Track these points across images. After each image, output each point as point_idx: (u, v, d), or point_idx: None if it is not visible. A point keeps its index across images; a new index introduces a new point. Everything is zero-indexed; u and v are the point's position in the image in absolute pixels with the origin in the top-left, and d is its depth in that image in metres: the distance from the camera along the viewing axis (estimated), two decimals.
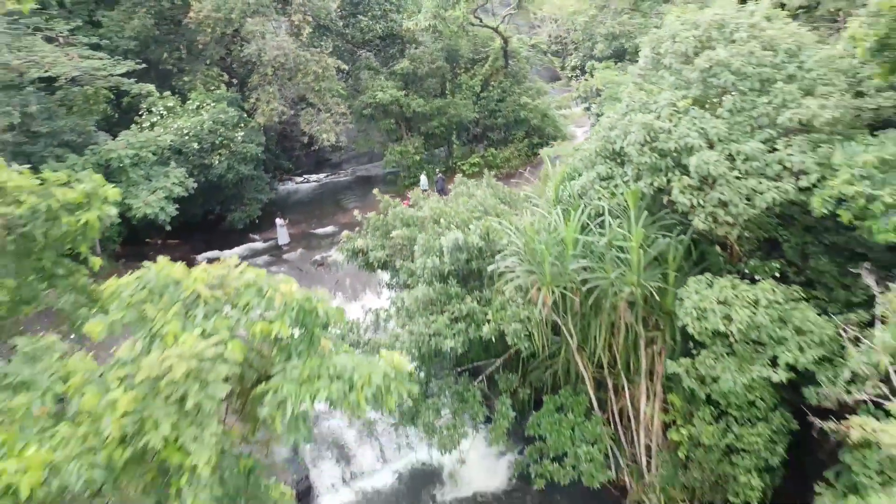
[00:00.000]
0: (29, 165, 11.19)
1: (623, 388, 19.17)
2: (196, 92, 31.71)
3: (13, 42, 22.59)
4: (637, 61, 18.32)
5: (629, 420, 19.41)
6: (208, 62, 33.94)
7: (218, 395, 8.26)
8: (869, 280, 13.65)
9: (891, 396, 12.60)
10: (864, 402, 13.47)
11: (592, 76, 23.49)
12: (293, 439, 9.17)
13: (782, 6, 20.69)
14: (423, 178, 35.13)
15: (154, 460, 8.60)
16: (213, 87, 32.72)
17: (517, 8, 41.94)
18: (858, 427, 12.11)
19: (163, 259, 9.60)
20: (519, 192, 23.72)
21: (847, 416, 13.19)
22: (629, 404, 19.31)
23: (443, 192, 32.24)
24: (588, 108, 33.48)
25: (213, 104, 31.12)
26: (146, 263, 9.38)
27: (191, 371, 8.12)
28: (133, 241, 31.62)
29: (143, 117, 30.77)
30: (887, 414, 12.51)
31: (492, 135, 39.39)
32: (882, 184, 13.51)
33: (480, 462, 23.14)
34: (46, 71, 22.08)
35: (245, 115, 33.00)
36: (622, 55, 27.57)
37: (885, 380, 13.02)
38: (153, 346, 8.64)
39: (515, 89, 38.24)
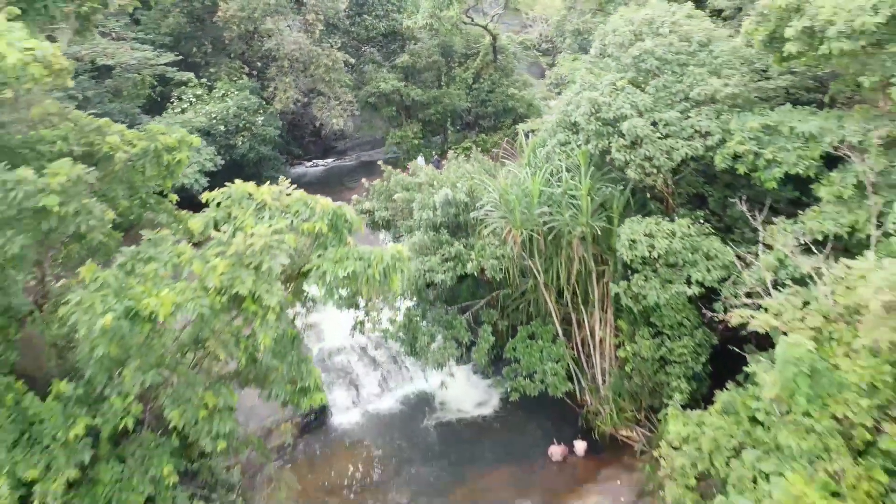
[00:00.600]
0: None
1: (583, 321, 23.37)
2: (221, 82, 35.84)
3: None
4: None
5: (588, 347, 23.59)
6: (231, 56, 38.11)
7: (282, 262, 12.44)
8: (748, 214, 17.81)
9: (765, 296, 16.79)
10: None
11: (561, 66, 27.61)
12: (330, 301, 13.39)
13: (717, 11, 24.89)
14: (421, 159, 39.19)
15: (239, 309, 12.77)
16: (235, 78, 36.88)
17: (504, 8, 46.15)
18: (737, 316, 16.35)
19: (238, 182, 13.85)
20: (501, 164, 27.93)
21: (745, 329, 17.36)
22: (588, 334, 23.51)
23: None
24: (559, 94, 37.64)
25: (236, 92, 35.27)
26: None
27: (264, 246, 12.31)
28: None
29: (175, 104, 34.90)
30: (765, 310, 16.64)
31: (483, 122, 43.53)
32: (767, 144, 17.75)
33: (465, 389, 27.36)
34: (111, 59, 26.19)
35: (264, 103, 37.13)
36: (586, 48, 31.77)
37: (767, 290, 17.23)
38: (236, 234, 12.83)
39: (504, 81, 42.40)
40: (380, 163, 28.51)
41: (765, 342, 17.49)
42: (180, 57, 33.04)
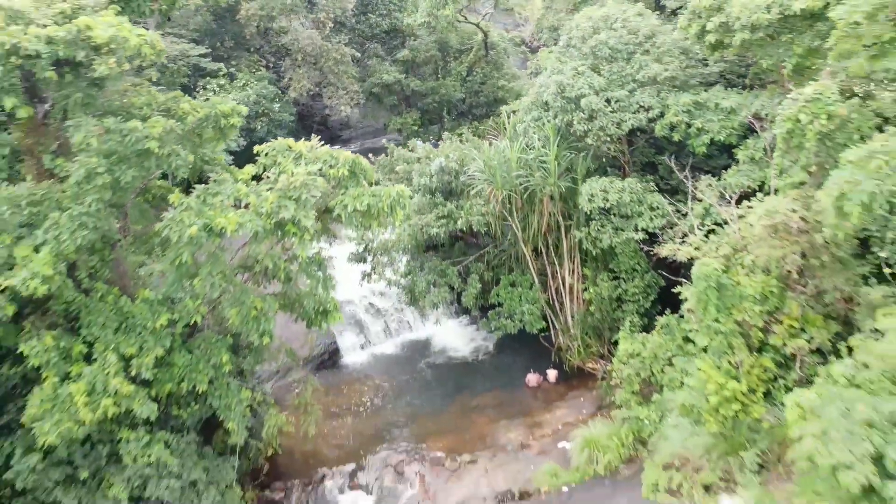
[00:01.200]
0: None
1: (556, 271, 27.53)
2: (242, 73, 39.94)
3: None
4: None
5: (560, 293, 27.75)
6: (251, 50, 42.21)
7: (315, 195, 16.61)
8: (681, 175, 21.98)
9: (692, 235, 20.96)
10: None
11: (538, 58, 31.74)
12: (354, 227, 17.56)
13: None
14: (420, 143, 43.30)
15: (282, 232, 16.90)
16: (254, 70, 40.97)
17: (494, 8, 50.39)
18: (668, 249, 20.58)
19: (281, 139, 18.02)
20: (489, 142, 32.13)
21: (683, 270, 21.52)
22: (560, 282, 27.68)
23: None
24: None
25: (255, 82, 39.37)
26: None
27: (302, 183, 16.49)
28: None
29: (201, 93, 38.98)
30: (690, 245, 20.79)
31: (476, 111, 47.56)
32: (696, 116, 21.95)
33: (457, 337, 31.64)
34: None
35: (279, 92, 41.21)
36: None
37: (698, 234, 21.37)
38: (280, 175, 16.99)
39: (495, 74, 46.50)
40: (384, 141, 32.73)
41: None
42: (209, 50, 37.11)
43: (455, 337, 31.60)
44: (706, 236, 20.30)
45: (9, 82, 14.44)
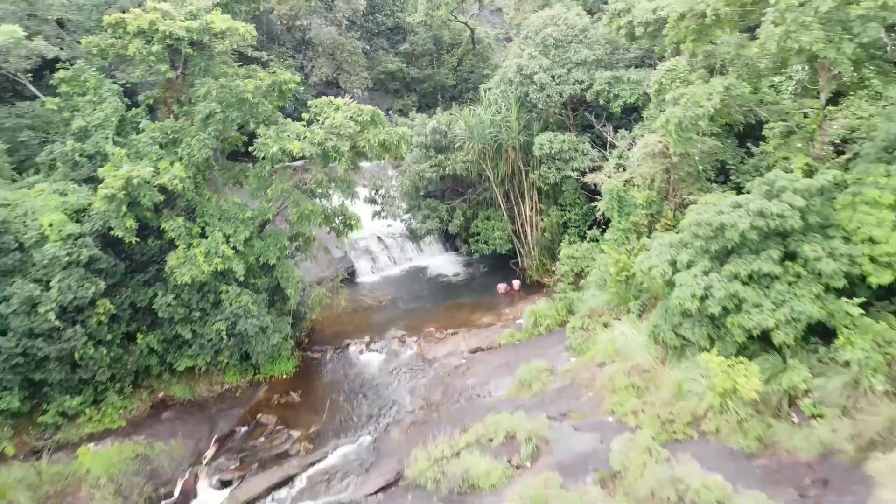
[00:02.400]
0: None
1: (521, 208, 36.06)
2: (273, 62, 48.31)
3: None
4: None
5: (523, 224, 36.29)
6: (279, 43, 50.61)
7: (349, 131, 25.20)
8: (602, 131, 30.57)
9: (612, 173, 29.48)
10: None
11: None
12: (384, 154, 26.13)
13: None
14: (419, 115, 51.83)
15: (327, 159, 25.46)
16: (283, 59, 49.35)
17: (480, 9, 58.99)
18: (589, 177, 29.18)
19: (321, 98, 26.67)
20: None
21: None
22: (523, 216, 36.23)
23: None
24: None
25: (284, 69, 47.72)
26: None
27: (341, 123, 25.10)
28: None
29: None
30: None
31: (465, 95, 55.92)
32: (614, 87, 30.50)
33: (446, 265, 40.20)
34: None
35: (304, 77, 49.63)
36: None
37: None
38: (325, 120, 25.58)
39: (481, 65, 54.95)
40: (389, 111, 41.27)
41: None
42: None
43: (445, 265, 40.27)
44: (615, 169, 28.91)
45: (163, 55, 23.04)
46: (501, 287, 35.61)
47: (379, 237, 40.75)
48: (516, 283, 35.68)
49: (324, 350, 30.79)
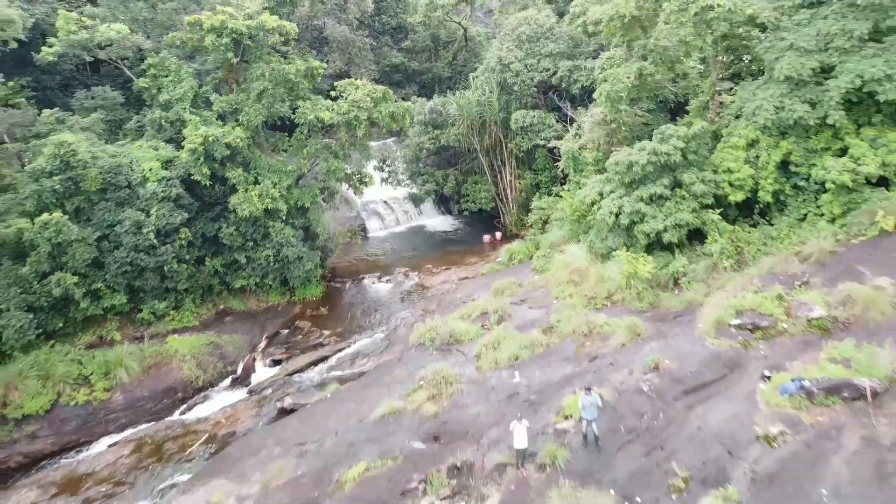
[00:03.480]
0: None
1: (503, 173, 43.75)
2: (293, 55, 55.92)
3: None
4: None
5: (504, 187, 43.99)
6: (299, 40, 58.19)
7: (368, 105, 32.93)
8: (567, 110, 38.30)
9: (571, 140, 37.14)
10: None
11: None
12: (392, 124, 33.87)
13: None
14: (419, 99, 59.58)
15: (349, 127, 33.17)
16: (302, 54, 56.88)
17: (471, 11, 66.65)
18: (552, 143, 36.86)
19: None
20: None
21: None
22: (506, 182, 43.93)
23: None
24: None
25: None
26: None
27: (361, 98, 32.87)
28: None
29: None
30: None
31: (458, 85, 63.58)
32: (574, 72, 38.20)
33: (442, 223, 47.97)
34: None
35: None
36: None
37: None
38: (349, 97, 33.32)
39: (473, 59, 62.42)
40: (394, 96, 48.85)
41: None
42: None
43: (440, 224, 48.03)
44: (574, 137, 36.60)
45: (229, 46, 30.71)
46: (486, 238, 43.32)
47: (385, 201, 48.46)
48: (499, 235, 43.38)
49: (344, 282, 38.49)
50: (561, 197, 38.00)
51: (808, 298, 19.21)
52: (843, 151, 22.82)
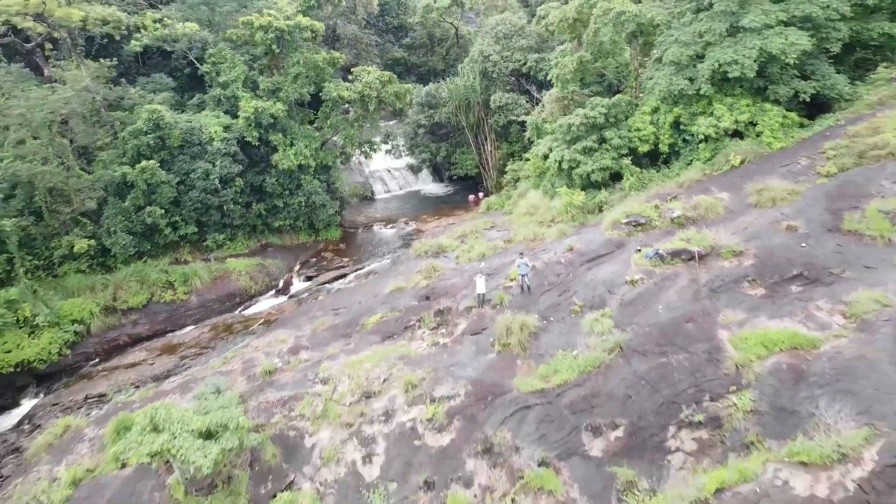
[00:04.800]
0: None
1: (484, 145, 53.25)
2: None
3: None
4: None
5: (486, 156, 53.50)
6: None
7: (378, 86, 42.45)
8: (534, 93, 47.87)
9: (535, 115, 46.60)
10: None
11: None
12: (396, 104, 43.45)
13: None
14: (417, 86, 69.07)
15: (363, 101, 42.67)
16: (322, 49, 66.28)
17: (461, 13, 76.14)
18: (524, 118, 46.38)
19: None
20: None
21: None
22: (487, 153, 53.45)
23: None
24: None
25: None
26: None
27: (373, 80, 42.43)
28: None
29: None
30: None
31: (451, 76, 73.16)
32: (541, 63, 47.72)
33: (436, 189, 57.49)
34: None
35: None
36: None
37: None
38: (363, 79, 42.88)
39: (463, 54, 71.81)
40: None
41: None
42: None
43: (434, 189, 57.55)
44: (538, 112, 46.09)
45: (273, 40, 40.14)
46: (471, 197, 52.82)
47: (389, 169, 57.96)
48: (482, 195, 52.85)
49: (357, 229, 48.03)
50: (528, 160, 47.59)
51: (673, 206, 28.73)
52: (712, 115, 32.34)
